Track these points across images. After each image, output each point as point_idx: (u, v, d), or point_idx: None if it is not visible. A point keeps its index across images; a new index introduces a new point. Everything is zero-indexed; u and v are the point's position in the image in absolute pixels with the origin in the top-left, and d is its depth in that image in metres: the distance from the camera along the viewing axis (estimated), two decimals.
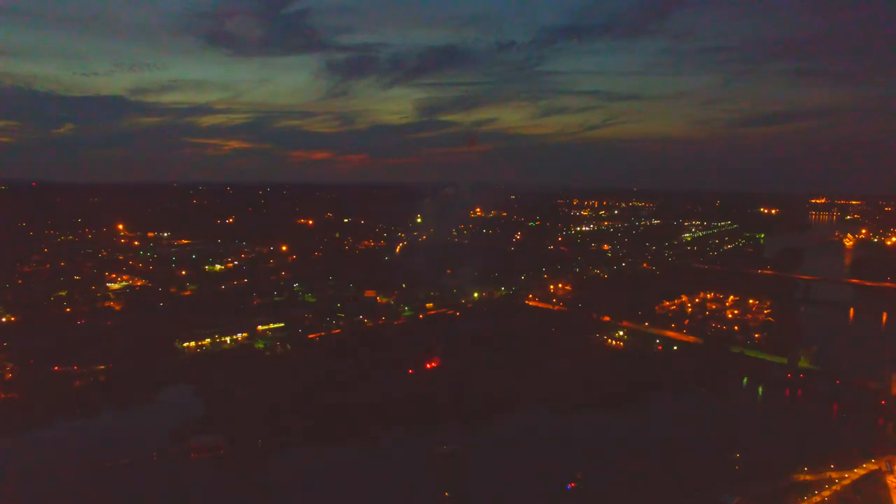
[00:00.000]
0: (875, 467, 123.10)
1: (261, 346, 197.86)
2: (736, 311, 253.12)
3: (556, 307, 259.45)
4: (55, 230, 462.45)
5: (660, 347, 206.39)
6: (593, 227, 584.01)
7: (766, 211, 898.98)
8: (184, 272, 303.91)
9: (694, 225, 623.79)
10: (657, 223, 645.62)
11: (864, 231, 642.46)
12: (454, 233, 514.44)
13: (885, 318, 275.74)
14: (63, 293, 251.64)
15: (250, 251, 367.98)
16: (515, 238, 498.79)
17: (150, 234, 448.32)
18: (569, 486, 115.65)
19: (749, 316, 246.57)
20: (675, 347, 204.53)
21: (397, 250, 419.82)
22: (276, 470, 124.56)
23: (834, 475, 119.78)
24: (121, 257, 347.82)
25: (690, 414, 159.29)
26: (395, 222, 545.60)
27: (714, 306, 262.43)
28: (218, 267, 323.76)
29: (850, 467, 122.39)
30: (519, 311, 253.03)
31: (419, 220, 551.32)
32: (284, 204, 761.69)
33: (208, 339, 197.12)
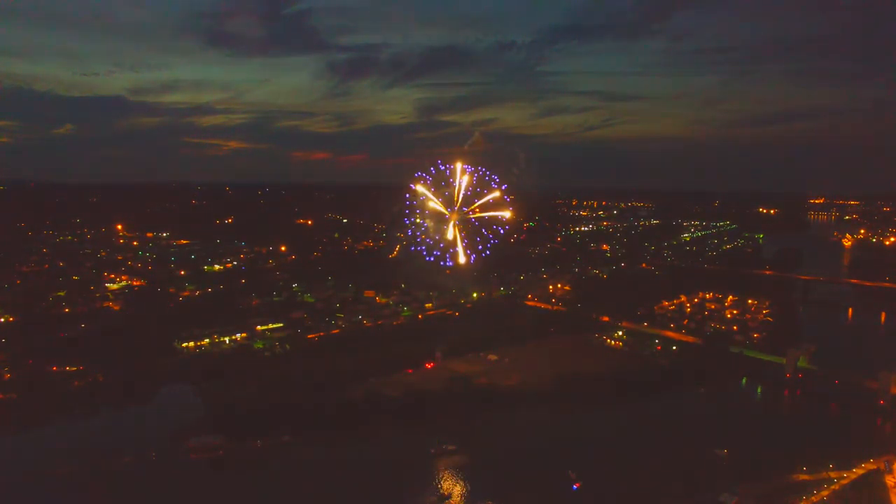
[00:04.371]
0: (874, 467, 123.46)
1: (260, 346, 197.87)
2: (735, 311, 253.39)
3: (556, 307, 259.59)
4: (54, 230, 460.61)
5: (659, 347, 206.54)
6: (592, 227, 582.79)
7: (765, 211, 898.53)
8: (183, 272, 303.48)
9: (693, 225, 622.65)
10: (656, 223, 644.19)
11: (862, 231, 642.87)
12: None
13: (883, 317, 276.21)
14: (62, 293, 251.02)
15: (250, 251, 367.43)
16: (514, 238, 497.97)
17: (150, 235, 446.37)
18: (574, 487, 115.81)
19: (748, 316, 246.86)
20: (675, 347, 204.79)
21: (396, 250, 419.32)
22: (276, 470, 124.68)
23: (833, 475, 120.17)
24: (119, 257, 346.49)
25: (690, 414, 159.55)
26: (394, 222, 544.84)
27: (713, 306, 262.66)
28: (217, 267, 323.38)
29: (848, 467, 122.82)
30: (518, 311, 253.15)
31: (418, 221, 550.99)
32: (284, 204, 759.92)
33: (207, 340, 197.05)
